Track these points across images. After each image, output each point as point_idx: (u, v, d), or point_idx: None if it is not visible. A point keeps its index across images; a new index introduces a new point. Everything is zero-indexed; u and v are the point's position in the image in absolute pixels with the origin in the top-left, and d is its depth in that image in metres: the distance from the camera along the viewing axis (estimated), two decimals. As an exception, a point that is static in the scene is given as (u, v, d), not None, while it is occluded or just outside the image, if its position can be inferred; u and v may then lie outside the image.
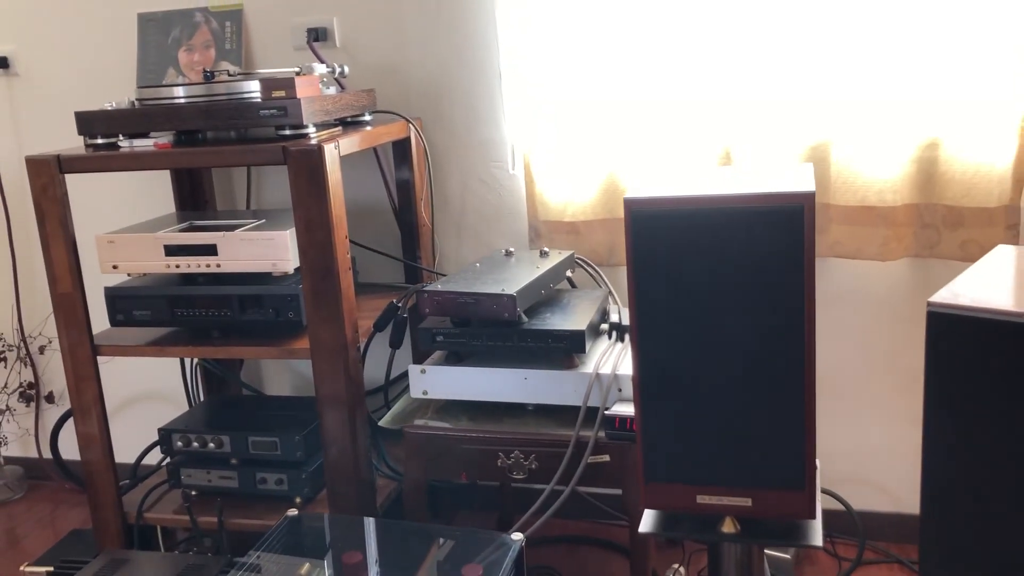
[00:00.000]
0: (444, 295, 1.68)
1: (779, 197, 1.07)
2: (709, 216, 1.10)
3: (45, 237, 1.82)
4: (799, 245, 1.08)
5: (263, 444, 1.94)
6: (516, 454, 1.66)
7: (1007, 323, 0.94)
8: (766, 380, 1.13)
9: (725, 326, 1.13)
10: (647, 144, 2.02)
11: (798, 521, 1.22)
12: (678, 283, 1.13)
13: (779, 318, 1.11)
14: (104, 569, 1.71)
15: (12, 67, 2.43)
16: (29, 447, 2.73)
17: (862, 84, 1.89)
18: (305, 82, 1.78)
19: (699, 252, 1.11)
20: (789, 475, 1.15)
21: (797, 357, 1.11)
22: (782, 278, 1.09)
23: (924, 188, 1.91)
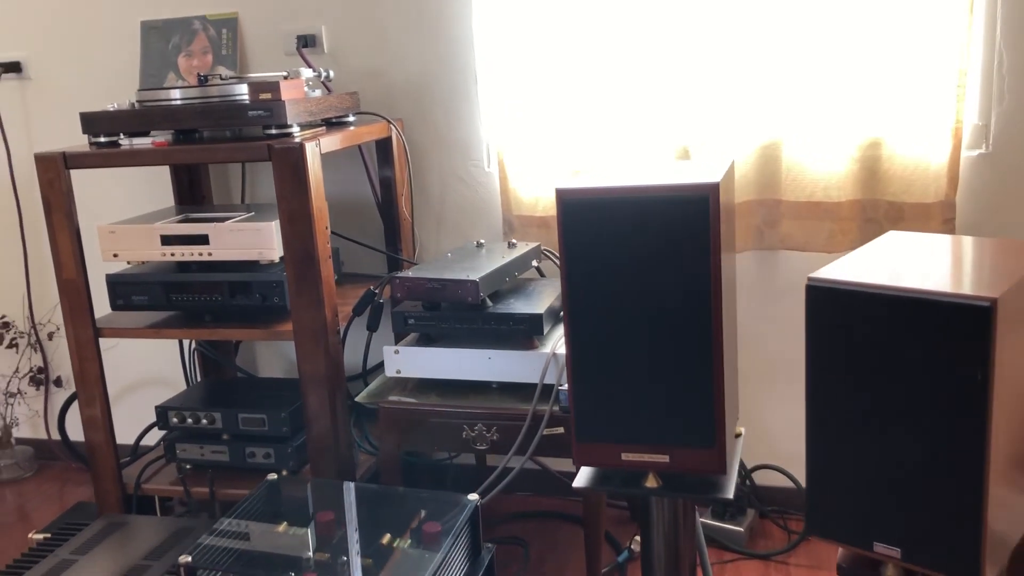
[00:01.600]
0: (414, 281, 1.83)
1: (688, 188, 1.22)
2: (628, 204, 1.25)
3: (52, 228, 1.99)
4: (706, 230, 1.22)
5: (252, 421, 2.09)
6: (479, 427, 1.81)
7: (874, 295, 1.08)
8: (680, 350, 1.27)
9: (644, 303, 1.27)
10: (611, 143, 2.16)
11: (714, 477, 1.37)
12: (603, 264, 1.27)
13: (691, 296, 1.25)
14: (102, 531, 1.87)
15: (25, 71, 2.60)
16: (39, 429, 2.90)
17: (810, 87, 2.03)
18: (290, 85, 1.93)
19: (621, 236, 1.26)
20: (701, 434, 1.29)
21: (706, 331, 1.25)
22: (693, 260, 1.24)
23: (867, 184, 2.05)
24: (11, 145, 2.65)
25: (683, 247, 1.24)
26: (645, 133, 2.15)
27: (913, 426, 1.09)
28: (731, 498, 1.32)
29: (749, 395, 2.26)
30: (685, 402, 1.29)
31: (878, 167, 2.03)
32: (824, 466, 1.18)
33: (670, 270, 1.25)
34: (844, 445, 1.16)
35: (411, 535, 1.55)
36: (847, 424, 1.15)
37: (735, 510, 2.21)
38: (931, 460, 1.08)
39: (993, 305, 1.00)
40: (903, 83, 1.98)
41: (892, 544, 1.13)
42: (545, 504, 2.43)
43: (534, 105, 2.18)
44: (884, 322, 1.09)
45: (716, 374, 1.26)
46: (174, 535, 1.83)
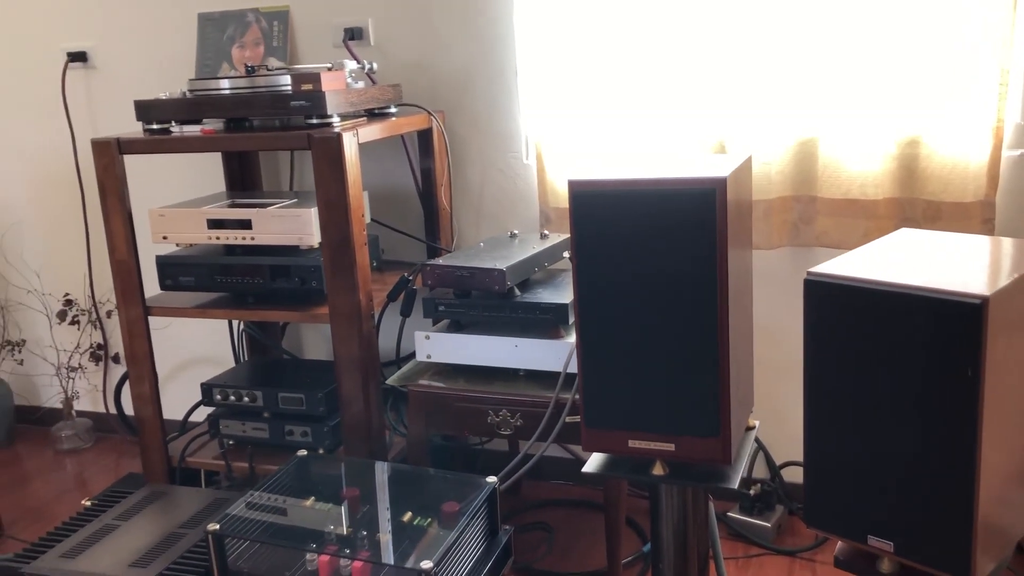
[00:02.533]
0: (444, 269, 1.88)
1: (695, 181, 1.24)
2: (638, 196, 1.27)
3: (106, 210, 2.09)
4: (712, 224, 1.24)
5: (291, 400, 2.17)
6: (504, 412, 1.85)
7: (869, 290, 1.09)
8: (687, 341, 1.29)
9: (653, 293, 1.30)
10: (648, 137, 2.18)
11: (721, 467, 1.39)
12: (613, 254, 1.30)
13: (698, 288, 1.27)
14: (145, 499, 1.96)
15: (90, 61, 2.72)
16: (98, 402, 3.04)
17: (849, 83, 2.02)
18: (332, 77, 2.00)
19: (631, 227, 1.29)
20: (707, 424, 1.31)
21: (712, 323, 1.27)
22: (700, 253, 1.26)
23: (905, 183, 2.03)
24: (75, 131, 2.78)
25: (691, 240, 1.26)
26: (682, 128, 2.16)
27: (907, 421, 1.10)
28: (736, 488, 1.34)
29: (780, 392, 2.26)
30: (691, 392, 1.31)
31: (916, 165, 2.01)
32: (821, 460, 1.19)
33: (678, 262, 1.27)
34: (841, 439, 1.17)
35: (431, 514, 1.61)
36: (844, 418, 1.16)
37: (763, 506, 2.21)
38: (924, 455, 1.09)
39: (984, 303, 1.00)
40: (943, 81, 1.95)
41: (886, 538, 1.14)
42: (576, 492, 2.47)
43: (573, 98, 2.21)
44: (880, 318, 1.10)
45: (722, 365, 1.28)
46: (211, 505, 1.91)
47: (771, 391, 2.27)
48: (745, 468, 1.40)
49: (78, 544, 1.78)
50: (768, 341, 2.24)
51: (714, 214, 1.24)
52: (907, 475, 1.11)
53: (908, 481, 1.11)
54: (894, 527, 1.14)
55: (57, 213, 2.91)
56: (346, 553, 1.51)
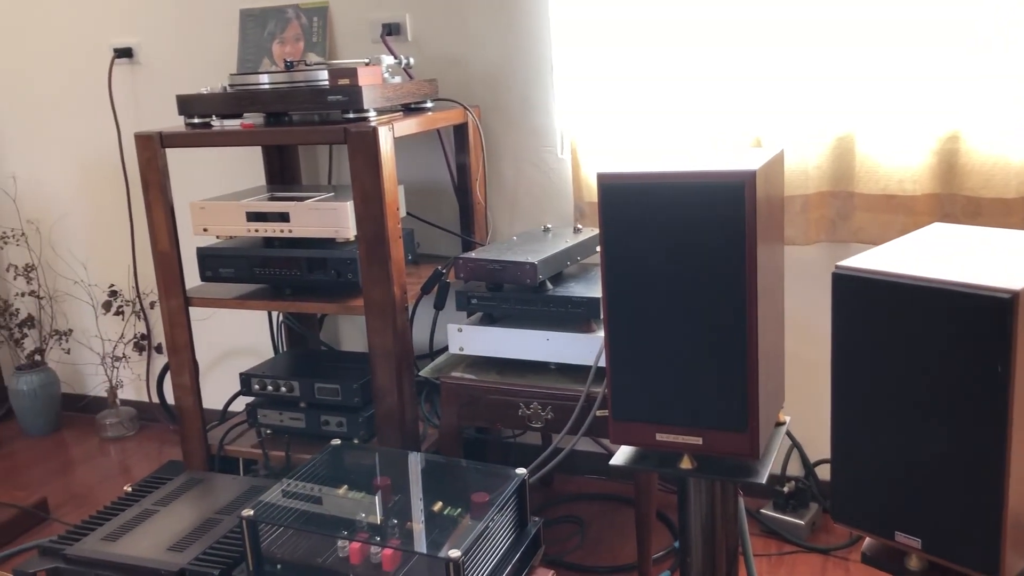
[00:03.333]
0: (476, 262, 1.90)
1: (724, 175, 1.24)
2: (666, 189, 1.27)
3: (148, 203, 2.14)
4: (741, 218, 1.24)
5: (327, 390, 2.20)
6: (535, 405, 1.86)
7: (897, 284, 1.08)
8: (714, 334, 1.29)
9: (681, 286, 1.30)
10: (683, 133, 2.18)
11: (749, 462, 1.38)
12: (641, 247, 1.31)
13: (726, 282, 1.27)
14: (184, 486, 2.01)
15: (136, 56, 2.78)
16: (141, 391, 3.11)
17: (888, 77, 1.99)
18: (369, 72, 2.02)
19: (659, 220, 1.29)
20: (734, 418, 1.31)
21: (740, 318, 1.27)
22: (728, 247, 1.26)
23: (944, 179, 2.00)
24: (121, 125, 2.84)
25: (719, 233, 1.26)
26: (718, 124, 2.15)
27: (935, 417, 1.09)
28: (763, 483, 1.33)
29: (816, 389, 2.24)
30: (719, 386, 1.31)
31: (956, 161, 1.98)
32: (849, 455, 1.18)
33: (706, 255, 1.27)
34: (868, 434, 1.16)
35: (461, 504, 1.62)
36: (871, 414, 1.15)
37: (797, 503, 2.20)
38: (953, 451, 1.08)
39: (1015, 298, 0.98)
40: (984, 76, 1.92)
41: (913, 534, 1.13)
42: (607, 487, 2.47)
43: (608, 93, 2.21)
44: (907, 312, 1.09)
45: (750, 359, 1.28)
46: (247, 492, 1.95)
47: (807, 388, 2.25)
48: (777, 464, 1.39)
49: (119, 528, 1.83)
50: (804, 337, 2.23)
51: (743, 208, 1.23)
52: (935, 471, 1.10)
53: (936, 477, 1.10)
54: (922, 524, 1.13)
55: (103, 206, 2.98)
56: (377, 541, 1.53)
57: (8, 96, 3.03)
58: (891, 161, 2.03)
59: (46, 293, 3.15)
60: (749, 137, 2.14)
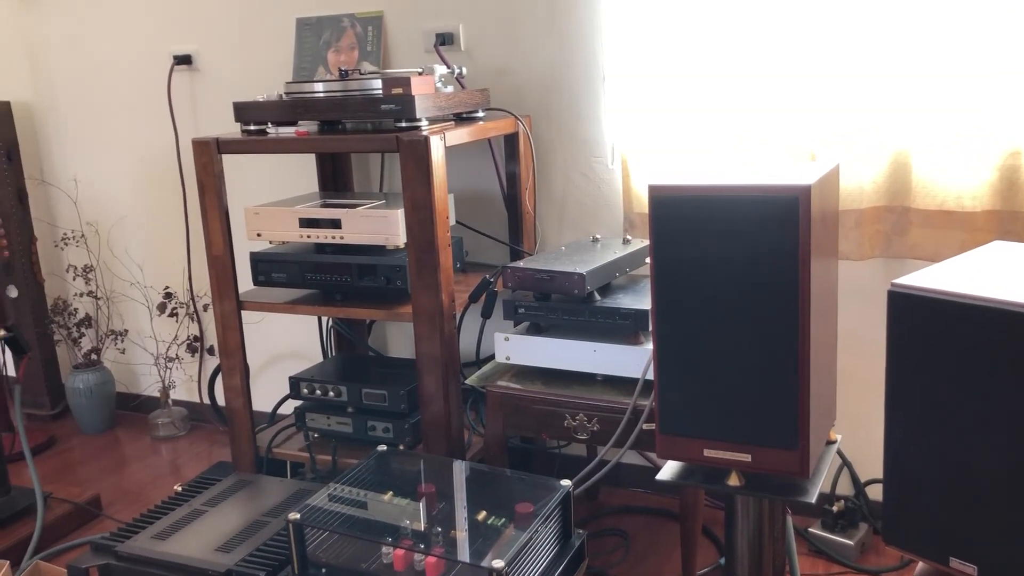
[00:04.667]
0: (524, 271, 1.90)
1: (779, 189, 1.23)
2: (719, 203, 1.26)
3: (204, 208, 2.18)
4: (795, 233, 1.22)
5: (374, 396, 2.21)
6: (581, 417, 1.86)
7: (956, 304, 1.05)
8: (766, 350, 1.28)
9: (732, 301, 1.28)
10: (737, 147, 2.15)
11: (799, 480, 1.36)
12: (693, 260, 1.30)
13: (779, 298, 1.25)
14: (232, 487, 2.04)
15: (195, 63, 2.84)
16: (193, 392, 3.16)
17: (947, 92, 1.95)
18: (422, 81, 2.04)
19: (711, 234, 1.28)
20: (784, 436, 1.29)
21: (792, 334, 1.25)
22: (782, 262, 1.24)
23: (1005, 196, 1.95)
24: (179, 130, 2.90)
25: (773, 248, 1.25)
26: (772, 138, 2.12)
27: (993, 439, 1.06)
28: (813, 502, 1.31)
29: (868, 408, 2.20)
30: (769, 403, 1.29)
31: (1018, 178, 1.94)
32: (901, 475, 1.16)
33: (759, 270, 1.26)
34: (922, 454, 1.13)
35: (505, 514, 1.62)
36: (926, 433, 1.12)
37: (846, 523, 2.16)
38: (1010, 474, 1.05)
39: (1079, 320, 0.96)
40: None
41: (969, 560, 1.10)
42: (653, 501, 2.45)
43: (659, 104, 2.20)
44: (965, 332, 1.06)
45: (802, 377, 1.26)
46: (294, 496, 1.97)
47: (859, 407, 2.21)
48: (827, 483, 1.37)
49: (169, 527, 1.86)
50: (857, 355, 2.19)
51: (797, 222, 1.22)
52: (994, 494, 1.07)
53: (995, 501, 1.07)
54: (979, 549, 1.10)
55: (160, 209, 3.05)
56: (421, 548, 1.54)
57: (71, 101, 3.11)
58: (949, 176, 1.99)
59: (103, 294, 3.22)
60: (804, 152, 2.11)
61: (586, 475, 1.80)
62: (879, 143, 2.03)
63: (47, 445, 3.06)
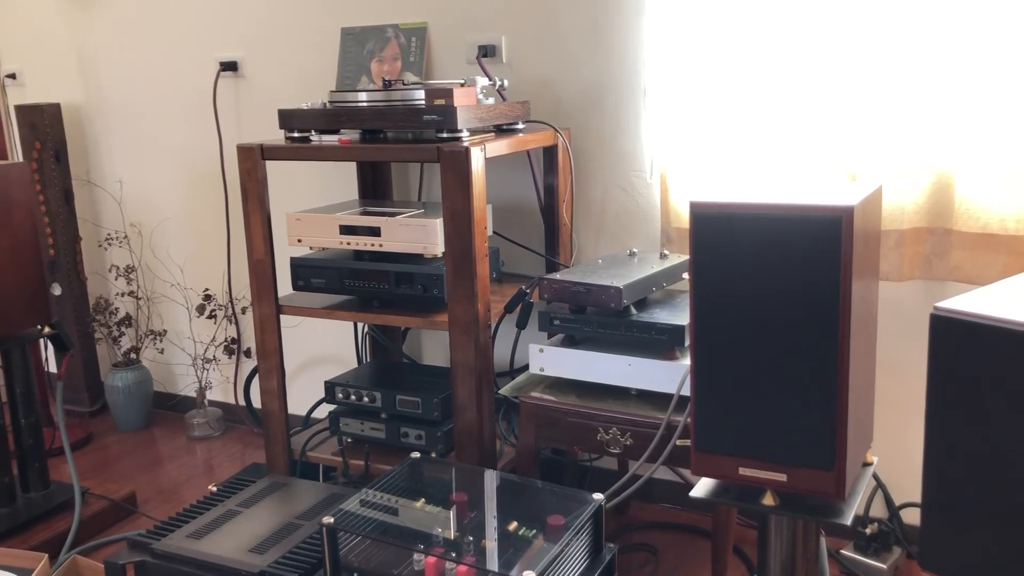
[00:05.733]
0: (561, 283, 1.90)
1: (821, 209, 1.22)
2: (761, 221, 1.26)
3: (247, 212, 2.21)
4: (837, 253, 1.22)
5: (408, 403, 2.23)
6: (614, 431, 1.86)
7: (1000, 330, 1.05)
8: (804, 370, 1.27)
9: (771, 319, 1.28)
10: (776, 165, 2.15)
11: (834, 501, 1.35)
12: (732, 278, 1.30)
13: (819, 318, 1.25)
14: (266, 489, 2.06)
15: (240, 70, 2.89)
16: (228, 394, 3.21)
17: (991, 114, 1.93)
18: (464, 93, 2.05)
19: (752, 252, 1.28)
20: (821, 456, 1.28)
21: (832, 354, 1.25)
22: (823, 282, 1.24)
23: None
24: (223, 135, 2.95)
25: (814, 268, 1.24)
26: (812, 157, 2.11)
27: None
28: (848, 524, 1.30)
29: (904, 430, 2.17)
30: (806, 422, 1.29)
31: (1065, 201, 1.91)
32: (941, 500, 1.15)
33: (799, 290, 1.26)
34: (963, 480, 1.12)
35: (536, 525, 1.63)
36: (967, 460, 1.11)
37: (879, 546, 2.13)
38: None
39: None
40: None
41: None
42: (683, 517, 2.44)
43: (701, 120, 2.20)
44: (1009, 358, 1.05)
45: (840, 397, 1.26)
46: (327, 500, 1.99)
47: (895, 428, 2.18)
48: (861, 505, 1.36)
49: (203, 526, 1.88)
50: (894, 376, 2.17)
51: (839, 243, 1.21)
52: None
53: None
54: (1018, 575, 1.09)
55: (202, 212, 3.10)
56: (452, 556, 1.54)
57: (119, 104, 3.18)
58: (993, 199, 1.97)
59: (144, 294, 3.27)
60: (845, 171, 2.10)
61: (618, 489, 1.80)
62: (922, 163, 2.01)
63: (85, 441, 3.11)
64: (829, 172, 2.11)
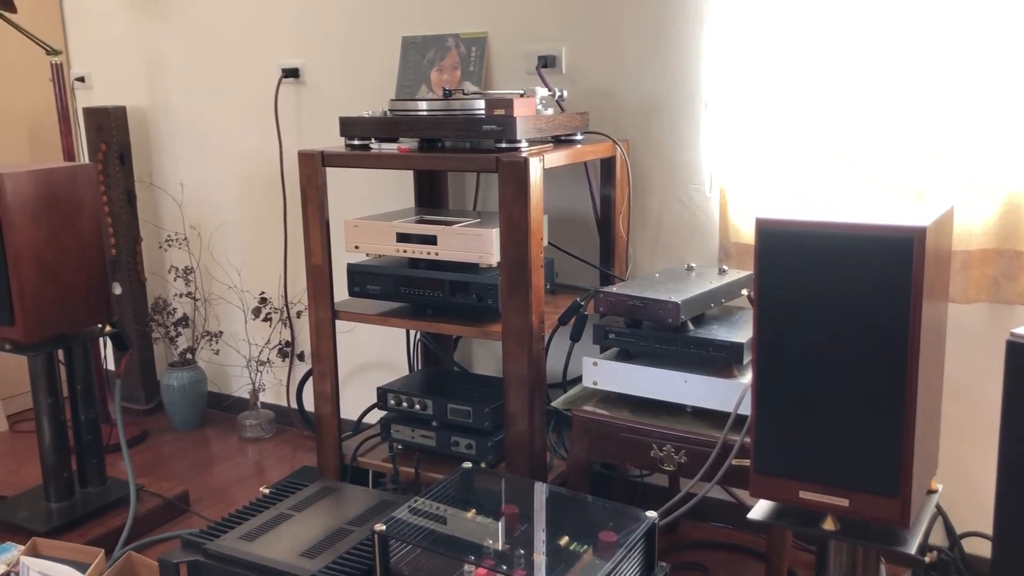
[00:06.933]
0: (617, 297, 1.89)
1: (893, 229, 1.19)
2: (829, 240, 1.23)
3: (306, 218, 2.23)
4: (908, 275, 1.19)
5: (459, 412, 2.23)
6: (668, 448, 1.83)
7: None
8: (871, 394, 1.24)
9: (837, 341, 1.25)
10: (839, 181, 2.11)
11: (898, 529, 1.31)
12: (798, 297, 1.27)
13: (887, 340, 1.22)
14: (318, 493, 2.07)
15: (301, 77, 2.92)
16: (281, 396, 3.24)
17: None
18: (524, 103, 2.05)
19: (819, 272, 1.25)
20: (885, 482, 1.25)
21: (900, 378, 1.21)
22: (893, 304, 1.20)
23: None
24: (283, 141, 2.99)
25: (883, 290, 1.21)
26: (878, 175, 2.07)
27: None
28: (912, 553, 1.27)
29: (968, 456, 2.11)
30: (871, 447, 1.25)
31: None
32: (1012, 531, 1.11)
33: (867, 311, 1.23)
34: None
35: (588, 541, 1.61)
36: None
37: (938, 575, 2.07)
38: None
39: None
40: None
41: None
42: (735, 537, 2.40)
43: (762, 134, 2.17)
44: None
45: (907, 422, 1.22)
46: (377, 506, 2.00)
47: (958, 454, 2.12)
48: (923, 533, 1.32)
49: (255, 528, 1.90)
50: (958, 400, 2.11)
51: (911, 265, 1.18)
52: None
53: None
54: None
55: (260, 216, 3.14)
56: (503, 569, 1.53)
57: (183, 108, 3.24)
58: (1068, 221, 1.91)
59: (201, 296, 3.33)
60: (912, 190, 2.05)
61: (672, 507, 1.77)
62: (992, 184, 1.96)
63: (140, 438, 3.17)
64: (896, 191, 2.06)
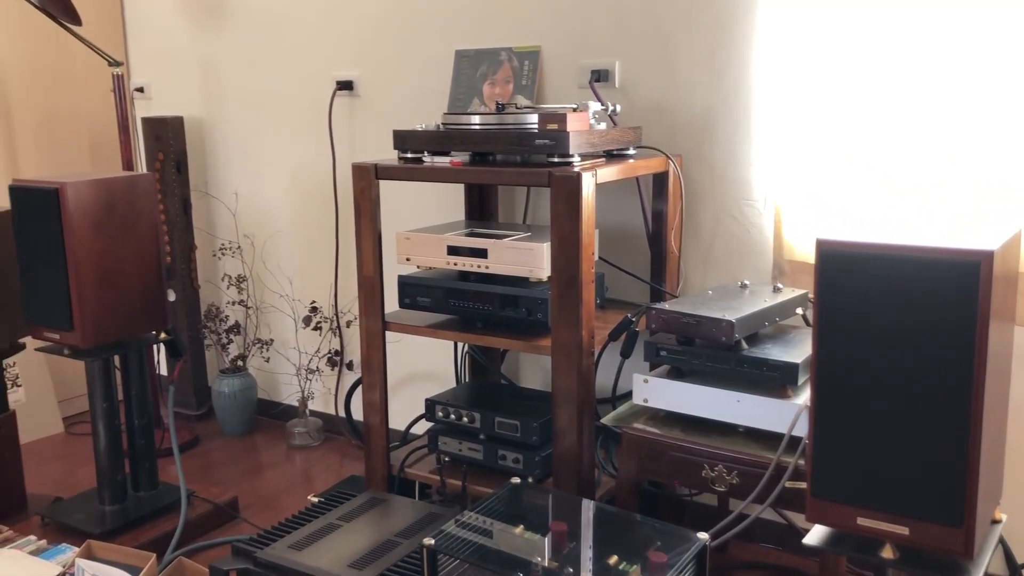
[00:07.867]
0: (669, 314, 1.87)
1: (959, 252, 1.16)
2: (891, 262, 1.21)
3: (359, 230, 2.25)
4: (974, 299, 1.16)
5: (506, 425, 2.22)
6: (720, 468, 1.81)
7: None
8: (933, 420, 1.21)
9: (899, 364, 1.22)
10: (897, 201, 2.07)
11: (960, 560, 1.28)
12: (859, 319, 1.24)
13: (952, 365, 1.19)
14: (365, 504, 2.08)
15: (355, 89, 2.95)
16: (329, 405, 3.26)
17: None
18: (577, 118, 2.05)
19: (880, 294, 1.22)
20: (948, 511, 1.21)
21: (965, 404, 1.18)
22: (957, 328, 1.17)
23: None
24: (336, 153, 3.02)
25: (948, 313, 1.18)
26: (934, 195, 2.03)
27: None
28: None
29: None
30: (933, 474, 1.22)
31: None
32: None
33: (932, 335, 1.20)
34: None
35: (637, 560, 1.59)
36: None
37: (998, 605, 2.01)
38: None
39: None
40: None
41: None
42: (785, 559, 2.36)
43: (817, 151, 2.14)
44: None
45: (972, 449, 1.19)
46: (425, 519, 2.00)
47: (1021, 482, 2.06)
48: (987, 565, 1.29)
49: (304, 538, 1.91)
50: (1021, 426, 2.05)
51: (977, 288, 1.15)
52: None
53: None
54: None
55: (313, 226, 3.17)
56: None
57: (238, 118, 3.29)
58: None
59: (253, 303, 3.37)
60: (972, 211, 2.00)
61: (723, 528, 1.75)
62: (1007, 189, 1.91)
63: (192, 444, 3.21)
64: (951, 212, 2.01)
